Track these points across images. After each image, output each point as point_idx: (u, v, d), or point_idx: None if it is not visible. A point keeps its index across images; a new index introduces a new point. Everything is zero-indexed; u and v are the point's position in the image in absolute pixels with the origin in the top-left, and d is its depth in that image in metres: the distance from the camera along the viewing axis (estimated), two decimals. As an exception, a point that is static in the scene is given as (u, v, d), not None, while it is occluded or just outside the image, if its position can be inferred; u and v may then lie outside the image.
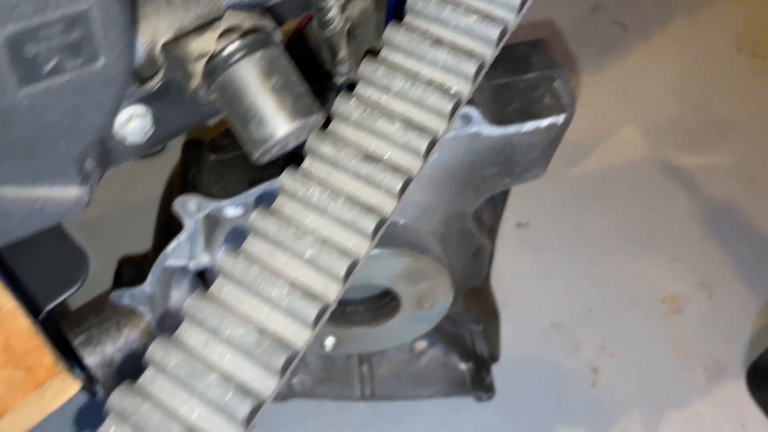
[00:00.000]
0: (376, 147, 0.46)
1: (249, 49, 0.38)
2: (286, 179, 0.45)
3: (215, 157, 0.68)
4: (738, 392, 1.13)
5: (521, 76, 0.64)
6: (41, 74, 0.32)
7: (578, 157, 1.32)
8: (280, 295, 0.42)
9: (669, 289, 1.22)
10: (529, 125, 0.62)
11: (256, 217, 0.44)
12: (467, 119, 0.61)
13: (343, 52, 0.60)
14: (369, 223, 0.44)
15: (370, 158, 0.46)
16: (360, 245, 0.44)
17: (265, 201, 0.54)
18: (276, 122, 0.39)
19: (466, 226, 0.79)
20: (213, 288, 0.43)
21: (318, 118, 0.42)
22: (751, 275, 1.23)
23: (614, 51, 1.50)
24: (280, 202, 0.45)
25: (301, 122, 0.40)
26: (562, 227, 1.25)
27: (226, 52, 0.38)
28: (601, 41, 1.51)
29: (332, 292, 0.42)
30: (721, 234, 1.26)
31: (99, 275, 0.88)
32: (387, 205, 0.45)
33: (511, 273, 1.21)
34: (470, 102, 0.63)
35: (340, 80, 0.63)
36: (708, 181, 1.32)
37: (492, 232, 0.89)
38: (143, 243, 0.84)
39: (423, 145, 0.46)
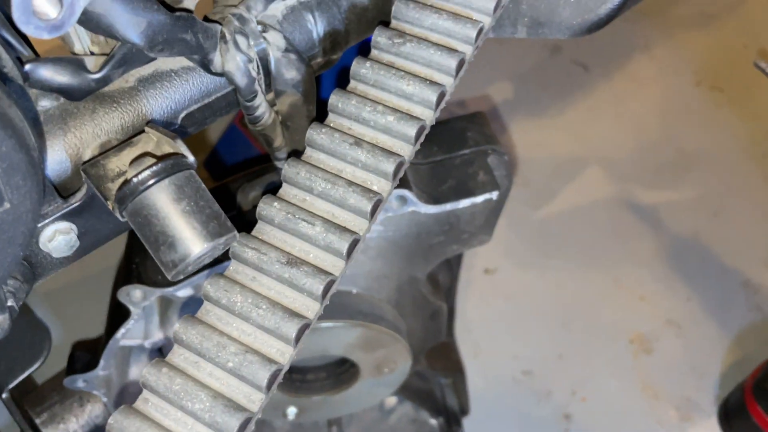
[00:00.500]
0: (299, 250, 0.47)
1: (159, 177, 0.39)
2: (210, 287, 0.46)
3: (162, 243, 0.69)
4: (710, 431, 1.13)
5: (457, 152, 0.66)
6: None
7: (542, 200, 1.34)
8: (202, 409, 0.42)
9: (637, 329, 1.22)
10: (464, 203, 0.63)
11: (179, 329, 0.45)
12: (403, 200, 0.62)
13: (278, 141, 0.61)
14: (291, 329, 0.44)
15: (293, 261, 0.46)
16: (283, 352, 0.44)
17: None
18: (186, 246, 0.40)
19: (420, 290, 0.80)
20: (138, 402, 0.43)
21: (229, 237, 0.43)
22: (718, 311, 1.24)
23: (575, 91, 1.53)
24: (203, 310, 0.46)
25: (211, 244, 0.41)
26: (529, 272, 1.27)
27: (135, 180, 0.39)
28: (562, 82, 1.54)
29: (255, 402, 0.43)
30: (686, 271, 1.28)
31: (65, 346, 0.88)
32: (310, 309, 0.46)
33: (481, 320, 1.22)
34: (406, 183, 0.65)
35: (279, 164, 0.65)
36: (672, 217, 1.34)
37: (450, 292, 0.90)
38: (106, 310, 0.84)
39: (344, 247, 0.47)
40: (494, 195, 0.63)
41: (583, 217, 1.34)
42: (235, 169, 0.99)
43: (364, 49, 0.56)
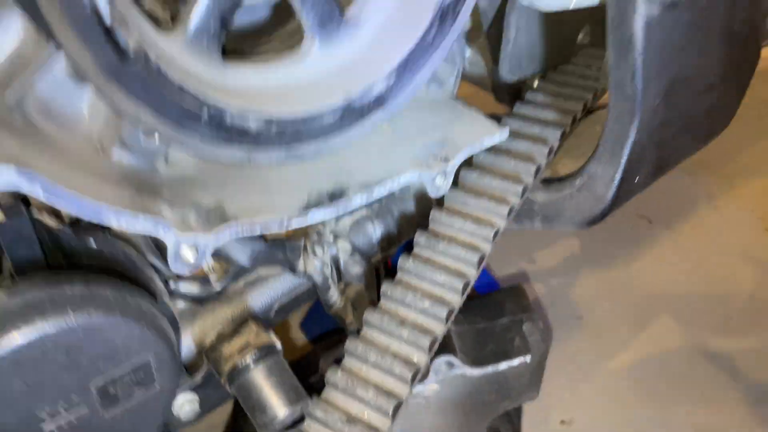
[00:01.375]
0: (356, 410, 0.62)
1: (258, 362, 0.56)
2: (291, 441, 0.61)
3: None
4: None
5: (496, 321, 0.79)
6: (118, 401, 0.51)
7: (614, 350, 1.39)
8: None
9: (725, 483, 1.20)
10: (503, 365, 0.76)
11: (269, 474, 0.59)
12: (450, 365, 0.76)
13: (349, 319, 0.78)
14: (349, 477, 0.58)
15: (352, 419, 0.61)
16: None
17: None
18: (275, 410, 0.56)
19: (482, 444, 0.89)
20: None
21: (304, 403, 0.58)
22: (812, 462, 1.20)
23: (641, 243, 1.61)
24: (287, 460, 0.60)
25: (291, 409, 0.56)
26: (606, 422, 1.29)
27: (241, 365, 0.57)
28: (627, 236, 1.63)
29: None
30: (772, 419, 1.25)
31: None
32: (365, 459, 0.59)
33: (560, 473, 1.24)
34: (453, 349, 0.78)
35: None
36: (748, 365, 1.34)
37: (513, 444, 0.98)
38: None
39: (390, 408, 0.60)
40: (527, 358, 0.75)
41: (656, 366, 1.37)
42: (322, 334, 1.18)
43: (409, 245, 0.74)
